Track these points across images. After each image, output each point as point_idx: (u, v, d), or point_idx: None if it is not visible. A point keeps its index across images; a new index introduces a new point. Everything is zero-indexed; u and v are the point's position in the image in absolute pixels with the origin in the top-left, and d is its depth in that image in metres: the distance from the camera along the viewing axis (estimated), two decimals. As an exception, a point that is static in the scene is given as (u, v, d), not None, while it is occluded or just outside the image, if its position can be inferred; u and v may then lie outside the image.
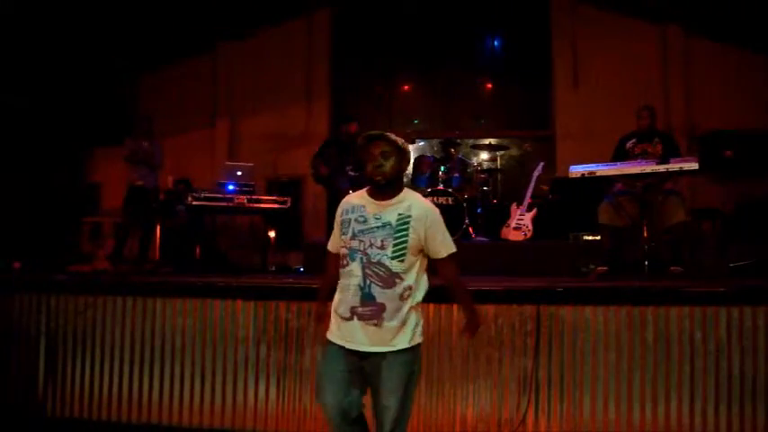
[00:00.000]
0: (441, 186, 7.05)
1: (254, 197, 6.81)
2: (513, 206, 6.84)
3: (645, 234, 5.31)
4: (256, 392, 4.37)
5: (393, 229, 2.72)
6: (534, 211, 6.71)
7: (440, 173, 7.22)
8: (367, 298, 2.70)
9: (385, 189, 2.79)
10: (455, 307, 4.17)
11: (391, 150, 2.77)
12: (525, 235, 6.59)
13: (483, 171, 7.84)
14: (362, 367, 2.77)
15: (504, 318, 4.15)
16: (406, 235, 2.72)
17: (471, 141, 8.65)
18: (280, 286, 4.49)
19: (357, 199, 2.86)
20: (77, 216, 8.06)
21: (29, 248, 6.38)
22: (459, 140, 7.92)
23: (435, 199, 6.89)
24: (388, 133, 2.80)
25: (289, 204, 6.84)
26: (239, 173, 7.14)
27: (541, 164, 7.01)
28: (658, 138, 5.64)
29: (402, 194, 2.82)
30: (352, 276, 2.73)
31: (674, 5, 8.11)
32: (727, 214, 6.81)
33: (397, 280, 2.72)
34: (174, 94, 9.43)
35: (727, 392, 3.92)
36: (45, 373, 4.66)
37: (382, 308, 2.70)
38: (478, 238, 6.92)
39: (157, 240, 7.14)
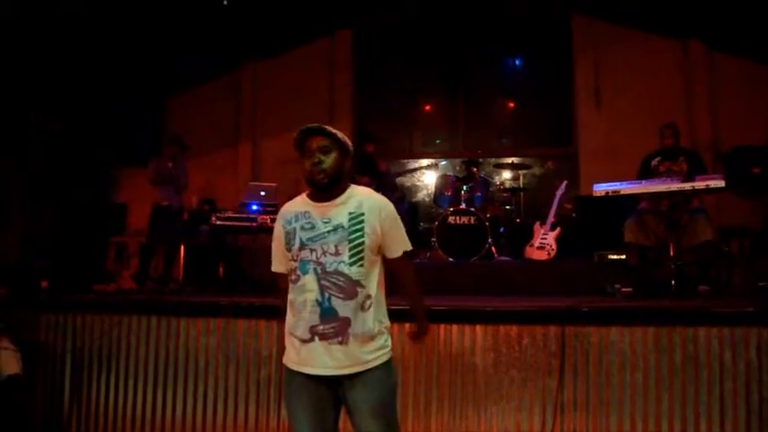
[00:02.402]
0: (463, 206, 7.03)
1: (276, 217, 6.84)
2: (537, 225, 6.80)
3: (671, 253, 5.25)
4: (279, 412, 4.35)
5: (346, 231, 2.42)
6: (558, 229, 6.67)
7: (462, 192, 7.20)
8: (327, 313, 2.39)
9: (328, 189, 2.50)
10: (477, 328, 4.14)
11: (331, 145, 2.48)
12: (549, 254, 6.54)
13: (505, 190, 7.82)
14: (333, 393, 2.46)
15: (528, 338, 4.11)
16: (362, 235, 2.43)
17: (494, 160, 8.63)
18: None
19: (297, 206, 2.58)
20: (104, 236, 8.17)
21: (56, 267, 6.46)
22: (481, 160, 7.92)
23: (458, 219, 6.88)
24: (327, 126, 2.51)
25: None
26: (263, 193, 7.19)
27: (565, 183, 6.98)
28: (683, 156, 5.59)
29: (348, 191, 2.53)
30: (306, 291, 2.42)
31: (695, 21, 8.03)
32: (755, 232, 6.68)
33: (359, 288, 2.42)
34: (199, 114, 9.54)
35: (759, 416, 3.82)
36: (70, 393, 4.70)
37: (346, 322, 2.39)
38: (501, 258, 6.89)
39: (181, 260, 7.19)
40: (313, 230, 2.45)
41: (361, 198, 2.52)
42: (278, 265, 2.64)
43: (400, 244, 2.58)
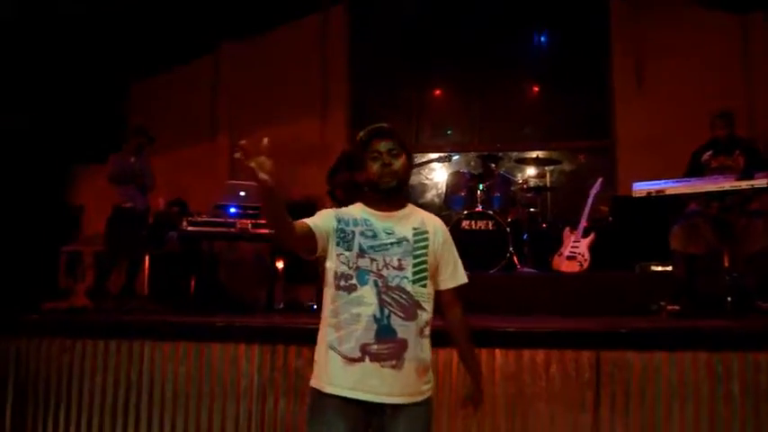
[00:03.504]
0: (479, 208, 7.02)
1: (259, 222, 6.83)
2: (567, 231, 6.79)
3: (726, 263, 5.22)
4: (261, 454, 4.33)
5: (411, 246, 2.58)
6: (592, 236, 6.64)
7: (478, 192, 7.19)
8: (385, 332, 2.49)
9: (392, 197, 2.65)
10: (497, 352, 4.12)
11: (400, 149, 2.64)
12: (581, 265, 6.51)
13: (529, 189, 7.80)
14: (368, 422, 2.54)
15: (556, 365, 4.08)
16: (425, 254, 2.60)
17: (515, 155, 8.61)
18: (290, 327, 4.47)
19: (354, 212, 2.68)
20: (54, 244, 8.16)
21: (-2, 282, 6.45)
22: (500, 154, 7.89)
23: (473, 223, 6.85)
24: (393, 127, 2.68)
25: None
26: (243, 193, 7.17)
27: (600, 180, 6.96)
28: (740, 149, 5.57)
29: (409, 207, 2.71)
30: (362, 305, 2.50)
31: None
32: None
33: (419, 311, 2.55)
34: (168, 103, 9.55)
35: (833, 458, 3.79)
36: (12, 429, 4.67)
37: (403, 345, 2.51)
38: (525, 270, 6.86)
39: (146, 272, 7.18)
40: (375, 239, 2.57)
41: (423, 216, 2.70)
42: (310, 221, 2.59)
43: (456, 275, 2.72)
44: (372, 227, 2.60)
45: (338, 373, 2.51)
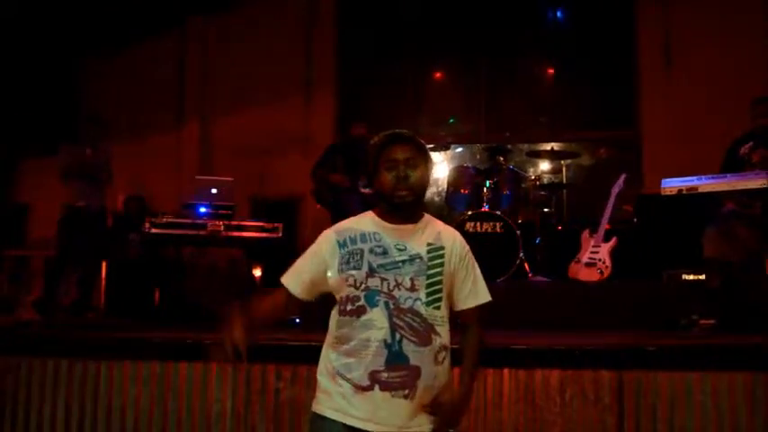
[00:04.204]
0: (485, 208, 7.03)
1: (233, 223, 6.83)
2: (585, 234, 6.80)
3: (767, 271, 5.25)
4: (235, 489, 4.34)
5: (425, 264, 2.62)
6: (614, 240, 6.66)
7: (484, 189, 7.20)
8: (397, 359, 2.54)
9: (407, 210, 2.69)
10: (505, 372, 4.13)
11: (419, 158, 2.69)
12: (602, 273, 6.53)
13: (543, 186, 7.81)
14: None
15: (573, 387, 4.09)
16: (441, 273, 2.63)
17: (527, 147, 8.63)
18: (268, 344, 4.46)
19: (364, 224, 2.73)
20: (-4, 249, 8.15)
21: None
22: (510, 146, 7.91)
23: (478, 225, 6.86)
24: (413, 133, 2.73)
25: (280, 233, 6.84)
26: (214, 190, 7.17)
27: (623, 177, 6.97)
28: (784, 140, 5.58)
29: (426, 218, 2.75)
30: (372, 328, 2.56)
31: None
32: None
33: (434, 335, 2.59)
34: (129, 86, 9.55)
35: None
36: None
37: (417, 373, 2.55)
38: (537, 278, 6.89)
39: (103, 281, 7.17)
40: (385, 256, 2.61)
41: (440, 229, 2.74)
42: (293, 281, 2.75)
43: (477, 293, 2.75)
44: (382, 242, 2.64)
45: (347, 401, 2.58)
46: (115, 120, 7.62)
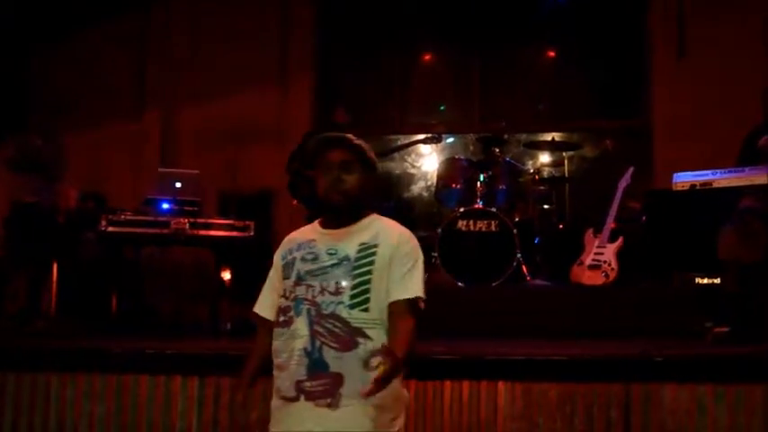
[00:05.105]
0: (479, 204, 7.05)
1: (200, 220, 6.81)
2: (589, 234, 6.84)
3: (788, 274, 5.28)
4: None
5: (351, 265, 2.71)
6: (620, 240, 6.69)
7: (478, 184, 7.22)
8: (316, 366, 2.63)
9: (344, 215, 2.82)
10: (501, 385, 4.14)
11: (354, 160, 2.81)
12: (607, 276, 6.56)
13: (542, 181, 7.83)
14: None
15: (576, 402, 4.11)
16: (369, 272, 2.70)
17: (525, 137, 8.65)
18: (238, 355, 4.45)
19: (304, 234, 2.90)
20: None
21: None
22: (506, 136, 7.92)
23: (471, 224, 6.87)
24: (351, 136, 2.85)
25: (252, 231, 6.82)
26: (178, 184, 7.15)
27: (630, 170, 7.00)
28: (807, 130, 5.62)
29: (368, 219, 2.86)
30: (296, 338, 2.67)
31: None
32: None
33: (360, 339, 2.65)
34: (81, 70, 9.49)
35: None
36: None
37: (338, 381, 2.62)
38: (536, 282, 6.92)
39: (54, 285, 7.13)
40: (314, 262, 2.74)
41: (380, 228, 2.83)
42: (260, 306, 2.98)
43: (407, 287, 2.74)
44: (315, 249, 2.78)
45: (280, 415, 2.74)
46: (68, 108, 7.56)
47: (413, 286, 2.76)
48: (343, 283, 2.67)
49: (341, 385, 2.61)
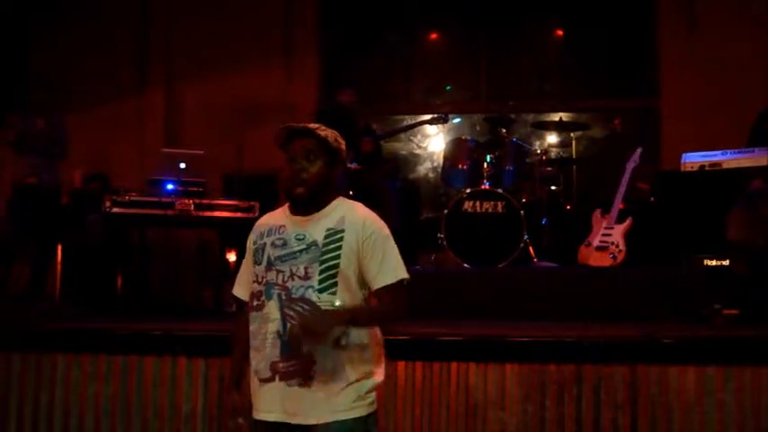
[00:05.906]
0: (486, 185, 7.04)
1: (205, 201, 6.82)
2: (597, 214, 6.83)
3: (798, 257, 5.29)
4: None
5: (319, 251, 2.82)
6: (628, 221, 6.68)
7: (485, 164, 7.21)
8: (289, 348, 2.77)
9: (309, 202, 2.90)
10: (507, 368, 4.16)
11: (318, 149, 2.88)
12: (614, 258, 6.57)
13: (550, 162, 7.82)
14: None
15: (582, 384, 4.13)
16: (337, 256, 2.81)
17: (532, 117, 8.64)
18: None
19: (275, 218, 3.02)
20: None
21: None
22: (513, 116, 7.91)
23: (478, 205, 6.87)
24: (316, 126, 2.92)
25: (257, 212, 6.83)
26: (183, 165, 7.15)
27: (639, 151, 6.98)
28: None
29: (334, 204, 2.95)
30: (268, 321, 2.81)
31: None
32: None
33: None
34: (82, 47, 9.46)
35: None
36: None
37: (310, 360, 2.77)
38: (543, 264, 6.92)
39: (58, 266, 7.16)
40: (284, 248, 2.87)
41: (346, 212, 2.91)
42: (239, 288, 3.12)
43: (386, 273, 2.86)
44: (284, 234, 2.91)
45: (258, 396, 2.86)
46: (70, 86, 7.55)
47: (391, 270, 2.87)
48: (312, 268, 2.79)
49: (313, 364, 2.75)
